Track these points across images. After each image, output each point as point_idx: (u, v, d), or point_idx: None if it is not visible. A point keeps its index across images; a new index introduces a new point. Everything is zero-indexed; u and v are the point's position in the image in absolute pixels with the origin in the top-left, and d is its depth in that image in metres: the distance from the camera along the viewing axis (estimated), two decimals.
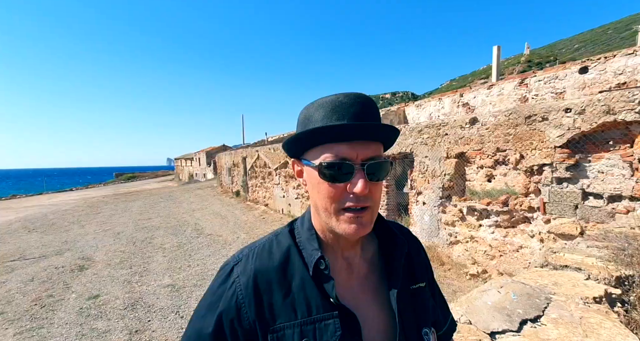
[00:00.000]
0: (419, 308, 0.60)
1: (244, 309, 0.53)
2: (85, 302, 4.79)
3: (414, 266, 0.63)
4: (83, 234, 9.90)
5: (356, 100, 0.52)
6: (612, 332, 1.14)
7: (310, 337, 0.51)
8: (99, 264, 6.72)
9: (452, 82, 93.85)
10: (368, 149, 0.51)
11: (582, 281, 1.52)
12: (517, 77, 7.49)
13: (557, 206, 3.86)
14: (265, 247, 0.59)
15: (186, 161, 36.04)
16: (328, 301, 0.53)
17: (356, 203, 0.51)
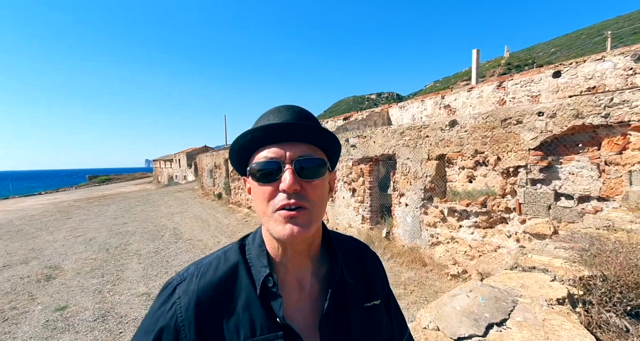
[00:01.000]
0: (373, 325, 0.60)
1: (183, 332, 0.52)
2: (51, 314, 4.59)
3: (371, 283, 0.64)
4: (52, 241, 9.45)
5: (289, 109, 0.54)
6: (572, 333, 1.20)
7: None
8: (68, 273, 6.44)
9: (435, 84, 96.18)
10: (297, 149, 0.52)
11: (548, 282, 1.59)
12: (495, 80, 7.76)
13: (532, 206, 4.03)
14: (212, 264, 0.58)
15: (165, 163, 35.13)
16: (274, 321, 0.53)
17: (287, 200, 0.51)
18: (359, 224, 7.22)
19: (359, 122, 11.81)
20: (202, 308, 0.54)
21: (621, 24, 58.79)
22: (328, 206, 8.32)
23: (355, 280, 0.61)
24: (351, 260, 0.63)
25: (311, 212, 0.52)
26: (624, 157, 3.17)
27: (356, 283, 0.61)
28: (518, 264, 1.81)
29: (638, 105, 3.02)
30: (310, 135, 0.53)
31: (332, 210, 8.26)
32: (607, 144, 3.35)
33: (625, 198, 2.89)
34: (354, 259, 0.64)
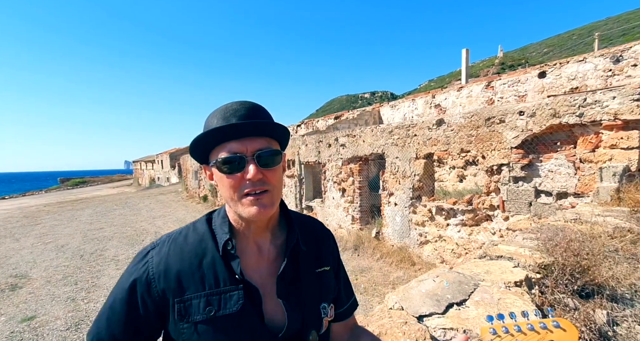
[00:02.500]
0: (321, 286, 0.77)
1: (154, 283, 0.66)
2: (17, 325, 4.49)
3: (322, 253, 0.80)
4: (17, 248, 9.13)
5: (243, 105, 0.67)
6: (520, 308, 1.42)
7: (215, 305, 0.65)
8: (36, 281, 6.28)
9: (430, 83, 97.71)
10: (256, 143, 0.66)
11: (511, 268, 1.82)
12: (484, 79, 8.11)
13: (515, 203, 4.31)
14: (182, 233, 0.74)
15: (147, 164, 34.65)
16: (234, 277, 0.67)
17: (253, 187, 0.65)
18: (348, 224, 7.43)
19: (349, 122, 12.06)
20: (171, 265, 0.68)
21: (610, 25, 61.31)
22: (318, 206, 8.52)
23: (308, 249, 0.77)
24: (306, 233, 0.79)
25: (272, 194, 0.67)
26: (596, 155, 3.47)
27: (309, 251, 0.77)
28: (487, 254, 2.03)
29: (609, 105, 3.32)
30: (266, 130, 0.67)
31: (321, 211, 8.45)
32: (582, 142, 3.65)
33: (596, 193, 3.18)
34: (309, 232, 0.80)
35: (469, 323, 1.35)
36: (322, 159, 8.20)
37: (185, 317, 0.65)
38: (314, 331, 0.72)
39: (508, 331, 0.63)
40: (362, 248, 6.78)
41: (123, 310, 0.66)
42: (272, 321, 0.69)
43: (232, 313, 0.65)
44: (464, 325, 1.33)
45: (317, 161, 8.40)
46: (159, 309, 0.66)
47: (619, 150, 3.28)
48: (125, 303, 0.66)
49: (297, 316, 0.71)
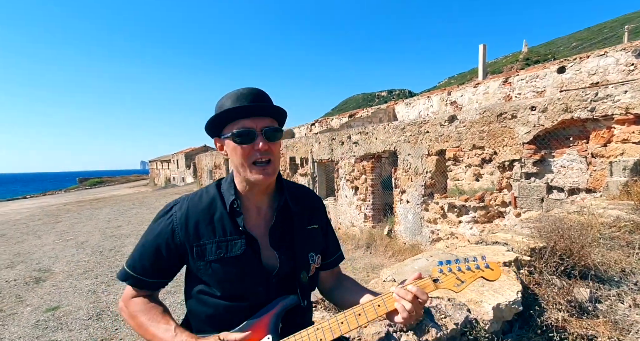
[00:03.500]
0: (310, 239, 0.99)
1: (177, 231, 0.89)
2: (42, 314, 4.86)
3: (312, 213, 1.04)
4: (40, 245, 9.77)
5: (252, 91, 0.88)
6: (504, 283, 1.60)
7: (223, 249, 0.87)
8: (58, 275, 6.74)
9: (450, 80, 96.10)
10: (263, 121, 0.87)
11: (503, 251, 1.98)
12: (501, 76, 8.12)
13: (526, 200, 4.40)
14: (197, 194, 0.97)
15: (162, 164, 35.77)
16: (238, 229, 0.89)
17: (260, 156, 0.86)
18: (361, 222, 7.61)
19: (364, 120, 12.23)
20: (190, 218, 0.90)
21: None
22: (330, 205, 8.74)
23: (299, 209, 0.99)
24: (298, 198, 1.00)
25: (274, 163, 0.89)
26: (608, 149, 3.53)
27: (300, 211, 0.99)
28: (483, 240, 2.20)
29: (620, 99, 3.39)
30: (270, 112, 0.89)
31: (334, 209, 8.66)
32: (594, 137, 3.71)
33: (605, 187, 3.26)
34: (300, 197, 1.04)
35: (454, 294, 1.54)
36: (335, 157, 8.41)
37: (202, 257, 0.89)
38: (304, 272, 0.95)
39: (451, 270, 0.84)
40: (374, 245, 6.95)
41: (152, 249, 0.91)
42: (268, 264, 0.92)
43: (236, 255, 0.89)
44: (450, 295, 1.52)
45: (330, 159, 8.63)
46: (179, 250, 0.90)
47: (631, 144, 3.34)
48: (153, 245, 0.91)
49: (288, 261, 0.94)
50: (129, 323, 0.93)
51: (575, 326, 1.43)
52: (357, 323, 0.82)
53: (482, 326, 1.37)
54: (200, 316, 0.93)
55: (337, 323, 0.82)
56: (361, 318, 0.82)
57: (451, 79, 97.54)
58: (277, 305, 0.88)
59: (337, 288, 1.08)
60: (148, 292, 0.95)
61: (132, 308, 0.92)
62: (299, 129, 17.20)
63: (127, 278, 0.92)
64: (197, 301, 0.93)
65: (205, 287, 0.91)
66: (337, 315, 0.84)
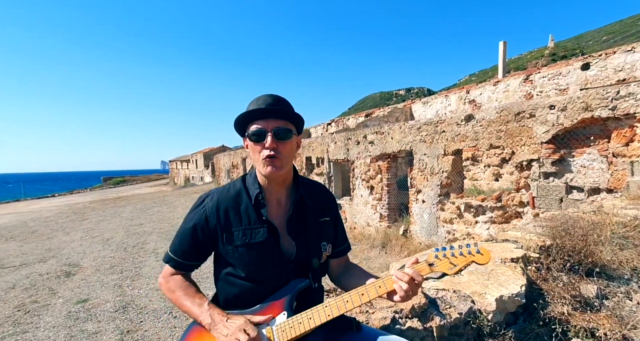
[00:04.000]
0: (322, 230, 1.13)
1: (209, 219, 1.04)
2: (73, 306, 5.19)
3: (324, 207, 1.18)
4: (68, 241, 10.33)
5: (271, 96, 1.04)
6: (509, 278, 1.68)
7: (248, 236, 1.02)
8: (87, 270, 7.15)
9: (471, 77, 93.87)
10: (275, 123, 1.00)
11: (512, 249, 2.04)
12: (522, 73, 7.99)
13: (545, 200, 4.36)
14: (226, 188, 1.12)
15: (182, 164, 36.77)
16: (262, 219, 1.04)
17: (269, 152, 0.99)
18: (376, 222, 7.68)
19: (380, 119, 12.25)
20: (220, 208, 1.05)
21: None
22: (346, 204, 8.84)
23: (313, 203, 1.12)
24: (313, 193, 1.16)
25: (282, 160, 1.01)
26: (630, 149, 3.48)
27: (314, 205, 1.13)
28: (493, 238, 2.27)
29: None
30: (283, 115, 1.02)
31: (350, 209, 8.76)
32: (616, 136, 3.66)
33: (626, 187, 3.22)
34: (315, 193, 1.18)
35: (459, 286, 1.63)
36: (350, 157, 8.51)
37: (230, 242, 1.04)
38: (316, 258, 1.09)
39: (445, 256, 0.96)
40: (389, 245, 6.99)
41: (189, 235, 1.07)
42: (286, 250, 1.07)
43: (259, 241, 1.03)
44: (455, 287, 1.62)
45: (345, 159, 8.73)
46: (211, 235, 1.06)
47: None
48: (190, 231, 1.07)
49: (303, 248, 1.08)
50: (168, 296, 1.09)
51: (578, 319, 1.49)
52: (360, 301, 0.95)
53: (485, 316, 1.46)
54: (227, 296, 1.08)
55: (343, 301, 0.95)
56: (364, 297, 0.95)
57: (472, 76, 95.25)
58: (292, 287, 1.02)
59: (345, 275, 1.20)
60: (184, 273, 1.12)
61: (171, 284, 1.08)
62: (315, 129, 17.37)
63: (169, 261, 1.10)
64: (225, 282, 1.08)
65: (232, 269, 1.06)
66: (343, 295, 0.97)
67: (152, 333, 4.30)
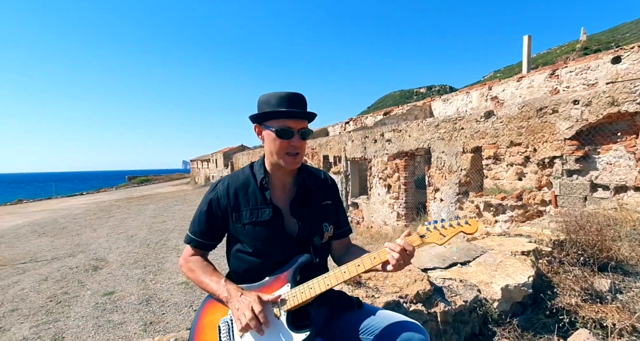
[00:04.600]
0: (324, 213, 1.23)
1: (221, 200, 1.18)
2: (100, 298, 5.56)
3: (326, 192, 1.28)
4: (96, 237, 10.99)
5: (296, 95, 1.15)
6: (517, 269, 1.70)
7: (255, 215, 1.15)
8: (113, 264, 7.61)
9: (496, 74, 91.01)
10: (301, 123, 1.14)
11: (524, 243, 2.05)
12: (547, 68, 7.75)
13: (568, 198, 4.25)
14: (236, 173, 1.26)
15: (202, 163, 37.71)
16: (266, 200, 1.17)
17: (294, 150, 1.13)
18: (393, 221, 7.67)
19: (398, 117, 12.18)
20: (230, 190, 1.19)
21: None
22: (363, 203, 8.88)
23: (315, 188, 1.25)
24: (315, 179, 1.28)
25: (301, 156, 1.16)
26: None
27: (316, 189, 1.24)
28: (506, 232, 2.28)
29: None
30: (306, 117, 1.15)
31: (367, 207, 8.78)
32: None
33: None
34: (317, 178, 1.29)
35: (466, 275, 1.68)
36: (368, 155, 8.53)
37: (239, 220, 1.17)
38: (317, 237, 1.20)
39: (436, 228, 1.03)
40: None
41: (205, 215, 1.20)
42: (289, 229, 1.18)
43: (265, 220, 1.15)
44: (461, 276, 1.66)
45: (363, 157, 8.76)
46: (224, 215, 1.19)
47: None
48: (206, 212, 1.20)
49: (305, 228, 1.18)
50: (188, 275, 1.21)
51: (587, 310, 1.50)
52: (357, 272, 1.03)
53: (490, 304, 1.50)
54: (237, 270, 1.20)
55: (341, 272, 1.04)
56: (360, 267, 1.03)
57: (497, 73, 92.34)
58: (295, 261, 1.12)
59: (346, 254, 1.30)
60: (202, 252, 1.24)
61: (190, 264, 1.21)
62: (333, 128, 17.44)
63: (190, 241, 1.22)
64: (235, 258, 1.20)
65: (240, 246, 1.18)
66: (341, 266, 1.06)
67: (174, 325, 4.53)
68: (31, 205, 26.15)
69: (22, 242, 11.23)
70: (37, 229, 13.67)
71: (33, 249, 9.95)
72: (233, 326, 1.04)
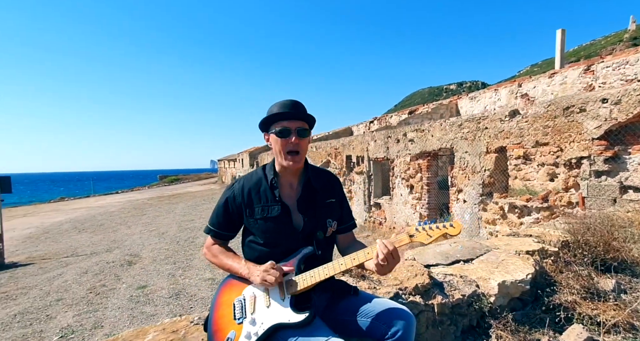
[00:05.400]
0: (329, 210, 1.40)
1: (237, 197, 1.37)
2: (134, 291, 6.05)
3: (330, 190, 1.45)
4: (130, 234, 11.82)
5: (291, 101, 1.34)
6: (518, 267, 1.79)
7: (266, 211, 1.32)
8: (145, 260, 8.20)
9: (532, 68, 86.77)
10: (297, 123, 1.31)
11: (531, 243, 2.11)
12: (582, 63, 7.46)
13: (596, 200, 4.15)
14: (250, 174, 1.44)
15: (229, 163, 38.87)
16: (276, 198, 1.34)
17: (293, 148, 1.30)
18: (416, 222, 7.66)
19: (423, 116, 12.08)
20: (244, 189, 1.37)
21: None
22: (386, 203, 8.95)
23: (320, 187, 1.42)
24: (320, 177, 1.45)
25: (301, 155, 1.32)
26: None
27: (321, 188, 1.42)
28: (516, 233, 2.34)
29: None
30: (302, 117, 1.32)
31: (389, 208, 8.83)
32: None
33: None
34: (322, 178, 1.46)
35: (467, 272, 1.79)
36: (390, 155, 8.58)
37: (252, 215, 1.36)
38: (321, 232, 1.37)
39: (424, 229, 1.17)
40: (428, 247, 6.98)
41: (222, 209, 1.41)
42: (296, 224, 1.36)
43: (274, 216, 1.34)
44: (462, 273, 1.78)
45: (385, 157, 8.81)
46: (239, 210, 1.39)
47: None
48: (222, 207, 1.41)
49: (309, 223, 1.36)
50: (212, 260, 1.43)
51: (584, 307, 1.57)
52: (352, 264, 1.20)
53: (487, 299, 1.60)
54: (250, 258, 1.40)
55: (338, 264, 1.21)
56: (354, 260, 1.20)
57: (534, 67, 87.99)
58: (299, 252, 1.30)
59: (349, 248, 1.46)
60: (221, 241, 1.45)
61: (213, 251, 1.43)
62: (357, 127, 17.50)
63: (209, 232, 1.44)
64: (248, 248, 1.41)
65: (253, 237, 1.38)
66: (339, 259, 1.23)
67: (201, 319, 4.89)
68: (72, 203, 28.23)
69: (64, 237, 12.26)
70: (77, 225, 14.81)
71: (74, 244, 10.86)
72: (245, 304, 1.24)
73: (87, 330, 4.67)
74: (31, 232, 13.99)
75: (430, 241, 1.17)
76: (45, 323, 4.99)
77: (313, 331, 1.15)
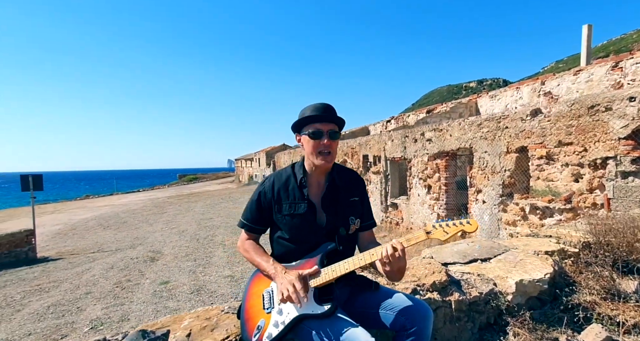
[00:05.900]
0: (351, 208, 1.47)
1: (267, 193, 1.46)
2: (157, 286, 6.32)
3: (353, 189, 1.53)
4: (152, 231, 12.27)
5: (323, 104, 1.43)
6: (536, 267, 1.81)
7: (293, 208, 1.41)
8: (167, 256, 8.53)
9: (557, 64, 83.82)
10: (329, 126, 1.40)
11: (550, 243, 2.12)
12: (609, 60, 7.23)
13: (622, 202, 4.05)
14: (280, 172, 1.54)
15: (246, 162, 39.44)
16: (304, 196, 1.43)
17: (324, 149, 1.39)
18: None
19: (441, 115, 11.94)
20: (275, 186, 1.46)
21: None
22: (403, 204, 8.93)
23: (344, 185, 1.50)
24: (344, 177, 1.53)
25: (332, 155, 1.41)
26: None
27: (344, 187, 1.50)
28: (535, 234, 2.35)
29: None
30: (333, 120, 1.41)
31: (406, 208, 8.81)
32: None
33: None
34: (346, 177, 1.54)
35: (484, 270, 1.83)
36: (407, 155, 8.56)
37: (280, 211, 1.46)
38: (343, 228, 1.45)
39: (441, 226, 1.23)
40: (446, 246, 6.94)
41: (255, 204, 1.51)
42: (320, 220, 1.45)
43: (301, 213, 1.43)
44: (479, 271, 1.82)
45: (402, 157, 8.79)
46: (269, 206, 1.48)
47: None
48: (255, 201, 1.51)
49: (333, 220, 1.45)
50: (244, 255, 1.53)
51: (604, 307, 1.59)
52: (370, 259, 1.28)
53: (504, 297, 1.64)
54: (277, 252, 1.50)
55: (358, 259, 1.29)
56: (373, 256, 1.27)
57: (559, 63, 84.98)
58: (323, 248, 1.39)
59: (368, 246, 1.53)
60: (254, 236, 1.55)
61: (245, 246, 1.53)
62: (374, 126, 17.45)
63: (243, 226, 1.54)
64: (276, 243, 1.50)
65: (280, 233, 1.47)
66: (359, 254, 1.31)
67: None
68: (96, 200, 29.41)
69: (90, 234, 12.85)
70: (102, 222, 15.45)
71: (100, 240, 11.38)
72: (273, 295, 1.34)
73: (115, 322, 4.91)
74: (60, 228, 14.71)
75: (447, 238, 1.22)
76: (76, 315, 5.28)
77: (335, 321, 1.23)
